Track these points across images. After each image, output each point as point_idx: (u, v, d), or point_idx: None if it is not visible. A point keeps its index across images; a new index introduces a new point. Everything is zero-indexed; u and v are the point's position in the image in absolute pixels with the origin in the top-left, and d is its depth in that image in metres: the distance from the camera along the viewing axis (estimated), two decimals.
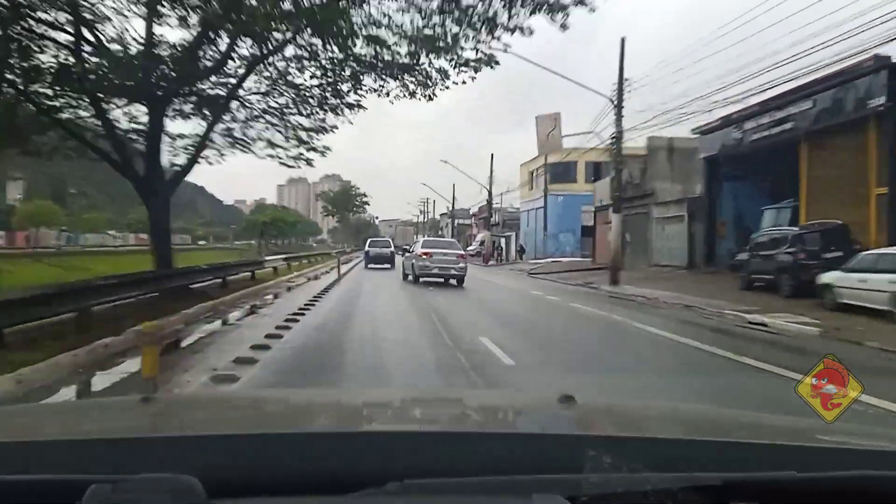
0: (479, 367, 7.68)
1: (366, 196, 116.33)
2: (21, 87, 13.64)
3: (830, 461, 1.18)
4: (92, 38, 13.71)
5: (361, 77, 15.99)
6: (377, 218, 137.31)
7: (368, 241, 38.24)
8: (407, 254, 26.38)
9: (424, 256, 22.08)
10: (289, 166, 19.17)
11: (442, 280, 21.85)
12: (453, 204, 72.98)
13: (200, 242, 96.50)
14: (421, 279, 21.94)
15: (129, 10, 13.50)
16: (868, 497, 1.05)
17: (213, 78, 15.93)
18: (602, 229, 33.05)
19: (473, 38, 13.53)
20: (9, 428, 1.38)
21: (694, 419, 1.78)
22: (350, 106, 17.11)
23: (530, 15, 12.74)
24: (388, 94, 15.86)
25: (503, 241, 54.47)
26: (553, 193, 48.93)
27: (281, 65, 16.23)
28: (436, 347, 9.23)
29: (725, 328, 12.33)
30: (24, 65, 13.19)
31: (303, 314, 12.72)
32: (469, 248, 62.94)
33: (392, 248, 36.68)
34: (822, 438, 1.50)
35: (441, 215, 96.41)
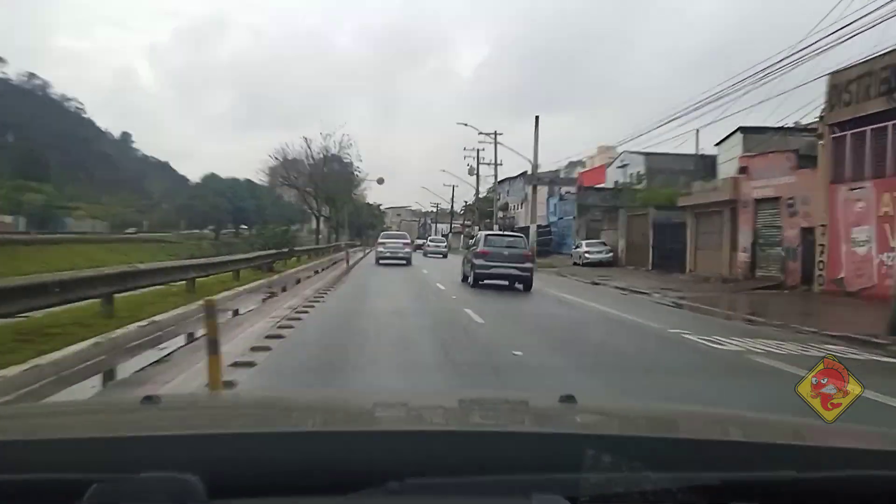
0: None
1: (361, 174, 63.32)
2: None
3: (830, 461, 1.18)
4: None
5: None
6: (379, 184, 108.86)
7: (381, 234, 37.45)
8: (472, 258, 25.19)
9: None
10: None
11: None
12: None
13: (130, 230, 75.39)
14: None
15: None
16: (867, 497, 1.05)
17: None
18: None
19: None
20: (9, 427, 1.38)
21: (693, 419, 1.77)
22: None
23: None
24: None
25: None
26: None
27: None
28: None
29: None
30: None
31: None
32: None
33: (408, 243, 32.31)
34: (822, 438, 1.50)
35: (489, 191, 58.37)
